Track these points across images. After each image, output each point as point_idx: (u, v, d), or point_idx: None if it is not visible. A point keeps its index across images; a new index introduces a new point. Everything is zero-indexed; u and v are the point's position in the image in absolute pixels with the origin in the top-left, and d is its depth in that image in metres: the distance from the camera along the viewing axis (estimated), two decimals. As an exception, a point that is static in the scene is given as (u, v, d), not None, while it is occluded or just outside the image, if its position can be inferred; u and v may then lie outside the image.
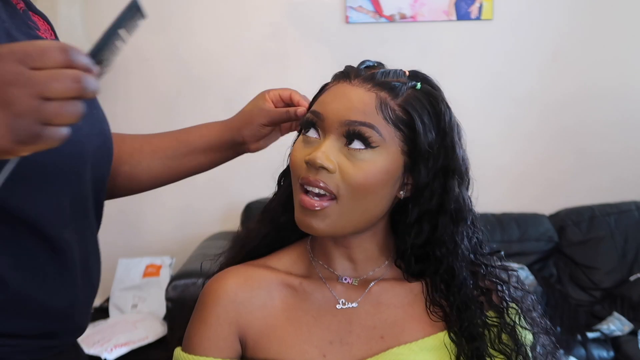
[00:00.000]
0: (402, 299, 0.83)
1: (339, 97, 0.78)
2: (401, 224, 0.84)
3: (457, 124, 0.83)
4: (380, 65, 0.84)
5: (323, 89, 0.84)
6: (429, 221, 0.81)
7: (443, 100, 0.82)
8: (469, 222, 0.83)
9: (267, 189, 0.93)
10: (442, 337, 0.81)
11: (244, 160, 1.00)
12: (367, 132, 0.76)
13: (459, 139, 0.82)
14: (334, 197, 0.76)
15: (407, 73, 0.83)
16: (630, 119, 2.81)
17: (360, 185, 0.76)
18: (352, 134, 0.76)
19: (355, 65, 0.83)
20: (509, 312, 0.83)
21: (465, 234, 0.82)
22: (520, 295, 0.85)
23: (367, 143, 0.76)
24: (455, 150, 0.81)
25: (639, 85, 2.80)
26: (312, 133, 0.79)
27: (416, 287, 0.84)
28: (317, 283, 0.85)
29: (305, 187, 0.76)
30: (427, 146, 0.78)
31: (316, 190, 0.76)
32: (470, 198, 0.84)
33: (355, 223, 0.79)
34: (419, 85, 0.81)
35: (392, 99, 0.78)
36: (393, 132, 0.77)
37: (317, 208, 0.76)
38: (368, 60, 0.84)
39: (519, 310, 0.83)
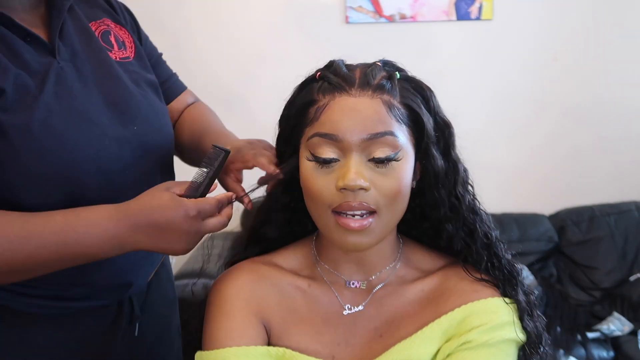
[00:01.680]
0: (404, 299, 0.83)
1: (349, 113, 0.75)
2: (415, 209, 0.86)
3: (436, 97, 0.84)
4: (351, 65, 0.82)
5: (310, 105, 0.79)
6: (453, 196, 0.83)
7: (422, 82, 0.83)
8: (468, 180, 0.86)
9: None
10: (436, 325, 0.80)
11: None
12: (390, 140, 0.75)
13: (444, 113, 0.84)
14: (373, 212, 0.75)
15: (380, 64, 0.82)
16: (630, 119, 2.81)
17: (397, 194, 0.76)
18: (376, 146, 0.75)
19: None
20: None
21: (469, 189, 0.86)
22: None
23: (392, 151, 0.75)
24: (449, 126, 0.83)
25: (639, 85, 2.81)
26: (328, 157, 0.76)
27: (418, 286, 0.84)
28: (323, 287, 0.85)
29: (347, 212, 0.75)
30: (432, 132, 0.80)
31: (358, 212, 0.74)
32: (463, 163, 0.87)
33: (391, 228, 0.80)
34: (398, 74, 0.81)
35: (393, 98, 0.77)
36: (405, 131, 0.78)
37: (366, 225, 0.75)
38: (336, 60, 0.82)
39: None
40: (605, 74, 2.77)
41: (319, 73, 0.81)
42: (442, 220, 0.84)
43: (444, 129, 0.82)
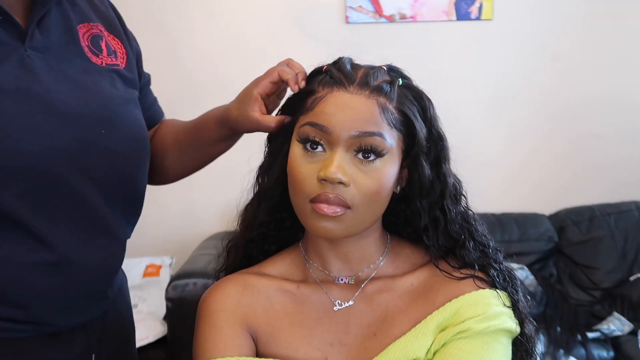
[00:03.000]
0: (394, 294, 0.84)
1: (342, 108, 0.77)
2: (399, 213, 0.88)
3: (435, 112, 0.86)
4: (357, 64, 0.84)
5: (309, 95, 0.82)
6: (438, 208, 0.84)
7: (423, 92, 0.84)
8: (464, 201, 0.87)
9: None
10: (429, 320, 0.81)
11: (244, 160, 1.01)
12: (378, 141, 0.77)
13: (440, 126, 0.85)
14: (348, 207, 0.76)
15: (385, 68, 0.83)
16: (630, 119, 2.81)
17: (375, 194, 0.78)
18: (363, 145, 0.76)
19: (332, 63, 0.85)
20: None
21: (462, 202, 0.87)
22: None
23: (378, 152, 0.77)
24: (442, 139, 0.84)
25: (639, 85, 2.81)
26: (315, 147, 0.78)
27: (407, 280, 0.85)
28: (313, 286, 0.86)
29: (322, 203, 0.76)
30: (424, 141, 0.81)
31: (333, 205, 0.76)
32: (457, 176, 0.88)
33: (366, 225, 0.81)
34: (400, 81, 0.82)
35: (389, 102, 0.79)
36: (396, 135, 0.79)
37: (339, 213, 0.76)
38: (344, 58, 0.84)
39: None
40: (606, 75, 2.77)
41: (325, 67, 0.84)
42: (422, 230, 0.86)
43: (437, 141, 0.83)
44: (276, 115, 0.89)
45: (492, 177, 2.76)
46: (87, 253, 0.89)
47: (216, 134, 1.02)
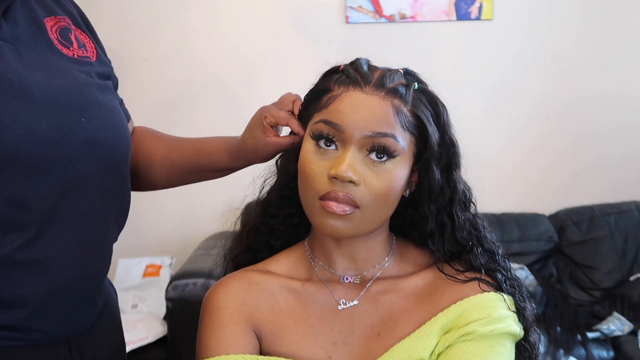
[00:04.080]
0: (399, 295, 0.84)
1: (357, 108, 0.77)
2: (407, 217, 0.88)
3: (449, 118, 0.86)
4: (374, 66, 0.84)
5: (324, 93, 0.82)
6: (446, 214, 0.85)
7: (438, 97, 0.84)
8: (473, 208, 0.87)
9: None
10: (434, 322, 0.81)
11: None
12: (390, 142, 0.77)
13: (453, 133, 0.85)
14: (357, 206, 0.77)
15: (401, 71, 0.84)
16: (630, 119, 2.81)
17: (385, 195, 0.78)
18: (376, 145, 0.77)
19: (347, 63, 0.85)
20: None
21: (471, 209, 0.87)
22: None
23: (390, 153, 0.77)
24: (455, 145, 0.84)
25: (639, 86, 2.81)
26: (328, 144, 0.79)
27: (412, 281, 0.85)
28: (318, 285, 0.86)
29: (331, 201, 0.76)
30: (436, 146, 0.81)
31: (342, 204, 0.76)
32: (467, 184, 0.88)
33: (374, 226, 0.81)
34: (416, 85, 0.82)
35: (404, 105, 0.79)
36: (408, 138, 0.79)
37: (347, 212, 0.76)
38: (361, 59, 0.84)
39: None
40: (606, 74, 2.77)
41: (342, 66, 0.84)
42: (427, 235, 0.86)
43: (449, 147, 0.83)
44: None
45: (492, 177, 2.76)
46: (70, 250, 0.85)
47: (227, 164, 1.02)
